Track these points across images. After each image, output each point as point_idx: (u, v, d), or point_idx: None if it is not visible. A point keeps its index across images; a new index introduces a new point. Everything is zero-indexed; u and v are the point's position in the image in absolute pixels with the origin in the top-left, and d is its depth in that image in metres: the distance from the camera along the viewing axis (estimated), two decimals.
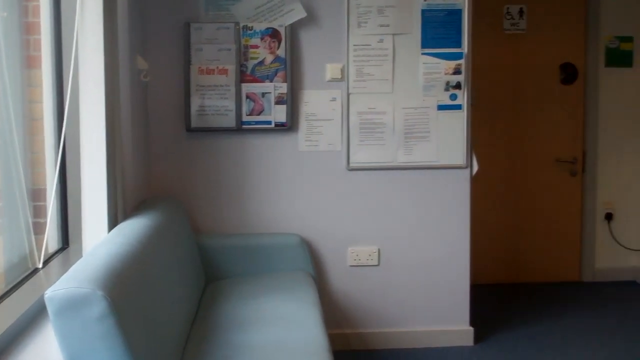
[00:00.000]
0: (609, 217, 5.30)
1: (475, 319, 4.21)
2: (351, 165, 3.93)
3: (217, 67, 3.78)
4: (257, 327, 2.95)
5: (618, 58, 5.25)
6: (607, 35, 5.22)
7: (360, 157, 3.94)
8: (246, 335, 2.85)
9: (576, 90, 5.25)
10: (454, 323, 4.09)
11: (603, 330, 4.30)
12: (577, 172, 5.28)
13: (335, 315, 4.00)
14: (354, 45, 3.88)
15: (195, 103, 3.78)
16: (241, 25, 3.78)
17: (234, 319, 3.06)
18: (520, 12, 5.16)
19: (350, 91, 3.90)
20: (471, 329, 4.10)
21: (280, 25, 3.80)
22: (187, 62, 3.77)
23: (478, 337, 4.14)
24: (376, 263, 4.01)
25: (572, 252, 5.34)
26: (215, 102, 3.78)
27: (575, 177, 5.28)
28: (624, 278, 5.34)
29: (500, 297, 4.97)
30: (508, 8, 5.14)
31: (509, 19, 5.16)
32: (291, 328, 2.93)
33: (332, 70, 3.89)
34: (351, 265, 4.00)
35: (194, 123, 3.79)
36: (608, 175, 5.29)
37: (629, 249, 5.33)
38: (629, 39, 5.24)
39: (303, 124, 3.89)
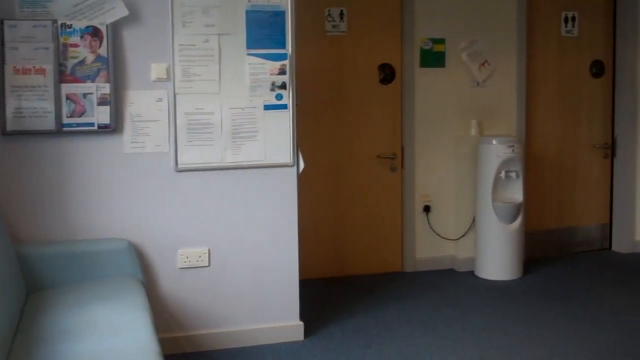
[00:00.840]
0: (427, 209, 5.61)
1: (305, 314, 4.31)
2: (179, 166, 3.89)
3: (34, 67, 3.60)
4: (83, 336, 2.85)
5: (432, 59, 5.56)
6: (422, 37, 5.52)
7: (188, 158, 3.90)
8: (72, 345, 2.75)
9: (394, 90, 5.51)
10: (284, 319, 4.17)
11: (424, 317, 4.55)
12: (397, 168, 5.54)
13: (166, 318, 3.94)
14: (180, 45, 3.84)
15: (10, 105, 3.58)
16: (59, 22, 3.63)
17: (59, 329, 2.94)
18: (341, 14, 5.33)
19: (176, 91, 3.86)
20: (301, 323, 4.20)
21: (102, 24, 3.68)
22: (1, 62, 3.56)
23: (308, 332, 4.24)
24: (207, 264, 4.00)
25: (394, 244, 5.61)
26: (33, 104, 3.60)
27: (396, 172, 5.54)
28: (442, 267, 5.68)
29: (328, 291, 5.12)
30: (329, 10, 5.30)
31: (330, 21, 5.32)
32: (119, 335, 2.86)
33: (157, 70, 3.83)
34: (181, 268, 3.96)
35: (10, 126, 3.59)
36: (425, 170, 5.59)
37: (446, 238, 5.67)
38: (441, 41, 5.56)
39: (128, 126, 3.80)
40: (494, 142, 5.36)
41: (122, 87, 3.77)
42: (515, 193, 5.45)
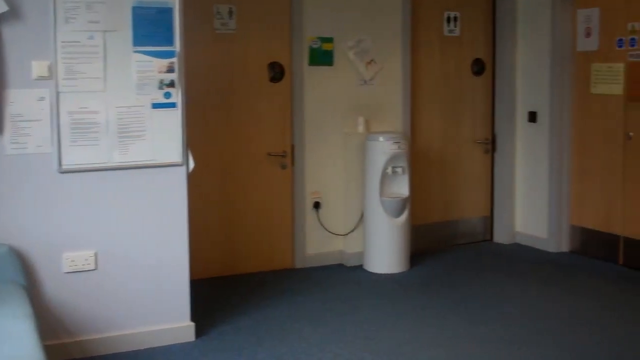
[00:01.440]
0: (317, 205, 5.68)
1: (197, 314, 4.29)
2: (63, 167, 3.78)
3: None
4: None
5: (320, 57, 5.62)
6: (310, 36, 5.57)
7: (73, 158, 3.79)
8: None
9: (284, 88, 5.54)
10: (175, 320, 4.13)
11: (315, 313, 4.61)
12: (287, 165, 5.58)
13: (52, 325, 3.82)
14: (62, 42, 3.72)
15: None
16: None
17: None
18: (230, 12, 5.31)
19: (59, 90, 3.74)
20: (192, 324, 4.17)
21: None
22: None
23: (199, 332, 4.22)
24: (93, 267, 3.90)
25: (285, 240, 5.65)
26: None
27: (286, 169, 5.58)
28: (332, 262, 5.77)
29: (220, 290, 5.10)
30: (218, 8, 5.26)
31: (219, 19, 5.28)
32: (1, 345, 2.75)
33: (38, 68, 3.69)
34: (67, 272, 3.84)
35: None
36: (315, 167, 5.66)
37: (336, 234, 5.76)
38: (329, 40, 5.63)
39: (8, 126, 3.65)
40: (380, 138, 5.49)
41: (0, 86, 3.62)
42: (402, 188, 5.60)
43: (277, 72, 5.51)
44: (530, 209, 6.35)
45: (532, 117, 6.26)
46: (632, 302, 4.79)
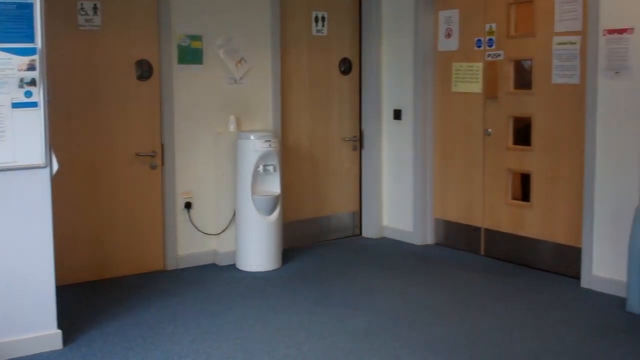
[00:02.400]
0: (188, 205, 5.63)
1: (64, 322, 4.16)
2: None
3: None
4: None
5: (189, 56, 5.57)
6: (179, 34, 5.51)
7: None
8: None
9: (152, 87, 5.45)
10: (40, 328, 3.99)
11: (188, 314, 4.59)
12: (157, 165, 5.49)
13: None
14: None
15: None
16: None
17: None
18: (95, 8, 5.15)
19: None
20: (59, 332, 4.04)
21: None
22: None
23: (67, 340, 4.09)
24: None
25: (155, 242, 5.56)
26: None
27: (156, 169, 5.49)
28: (205, 262, 5.74)
29: (89, 295, 4.97)
30: (82, 4, 5.10)
31: (83, 15, 5.12)
32: None
33: None
34: None
35: None
36: (186, 166, 5.61)
37: (208, 234, 5.73)
38: (198, 38, 5.60)
39: None
40: (251, 137, 5.51)
41: None
42: (273, 186, 5.65)
43: (145, 71, 5.41)
44: (396, 204, 6.57)
45: (397, 114, 6.47)
46: (491, 290, 5.06)
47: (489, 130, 5.89)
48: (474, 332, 4.26)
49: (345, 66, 6.56)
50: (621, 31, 4.79)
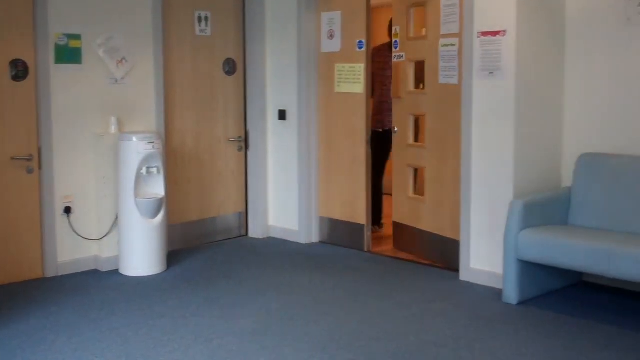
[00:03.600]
0: (68, 210, 5.46)
1: None
2: None
3: None
4: None
5: (68, 55, 5.41)
6: (56, 32, 5.33)
7: None
8: None
9: (28, 87, 5.24)
10: None
11: (69, 322, 4.45)
12: (34, 169, 5.29)
13: None
14: None
15: None
16: None
17: None
18: None
19: None
20: None
21: None
22: None
23: None
24: None
25: (33, 249, 5.35)
26: None
27: (33, 174, 5.29)
28: (86, 268, 5.58)
29: None
30: None
31: None
32: None
33: None
34: None
35: None
36: (65, 170, 5.43)
37: (89, 239, 5.58)
38: (77, 37, 5.43)
39: None
40: (134, 138, 5.40)
41: None
42: (157, 188, 5.56)
43: (20, 71, 5.20)
44: (282, 204, 6.62)
45: (282, 115, 6.51)
46: (376, 286, 5.18)
47: (396, 128, 6.08)
48: (359, 328, 4.35)
49: (230, 67, 6.54)
50: (494, 33, 5.00)
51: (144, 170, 5.44)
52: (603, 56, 5.09)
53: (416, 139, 6.05)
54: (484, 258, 5.18)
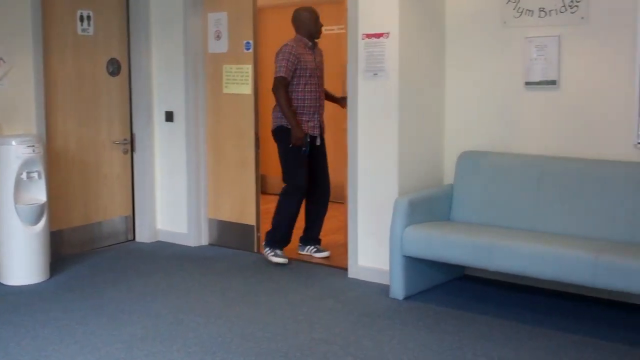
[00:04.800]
0: None
1: None
2: None
3: None
4: None
5: None
6: None
7: None
8: None
9: None
10: None
11: None
12: None
13: None
14: None
15: None
16: None
17: None
18: None
19: None
20: None
21: None
22: None
23: None
24: None
25: None
26: None
27: None
28: None
29: None
30: None
31: None
32: None
33: None
34: None
35: None
36: None
37: None
38: None
39: None
40: (13, 142, 5.20)
41: None
42: (39, 193, 5.37)
43: None
44: (170, 206, 6.53)
45: (169, 116, 6.42)
46: (265, 286, 5.20)
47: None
48: (249, 329, 4.36)
49: (114, 67, 6.39)
50: (378, 35, 5.12)
51: (24, 175, 5.24)
52: (481, 57, 5.30)
53: None
54: (371, 255, 5.29)
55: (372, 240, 5.28)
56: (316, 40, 5.85)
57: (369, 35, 5.17)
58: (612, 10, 4.74)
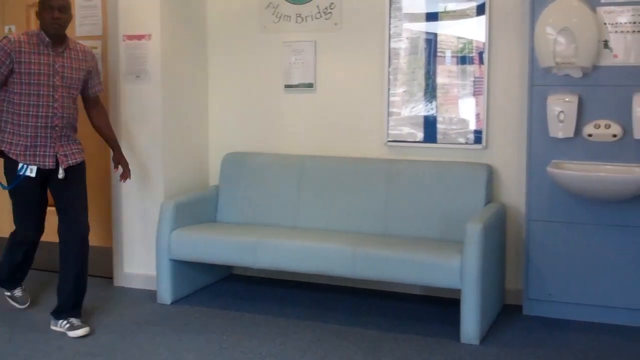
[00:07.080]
0: None
1: None
2: None
3: None
4: None
5: None
6: None
7: None
8: None
9: None
10: None
11: None
12: None
13: None
14: None
15: None
16: None
17: None
18: None
19: None
20: None
21: None
22: None
23: None
24: None
25: None
26: None
27: None
28: None
29: None
30: None
31: None
32: None
33: None
34: None
35: None
36: None
37: None
38: None
39: None
40: None
41: None
42: None
43: None
44: None
45: None
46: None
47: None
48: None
49: None
50: (139, 37, 5.02)
51: None
52: (243, 61, 5.40)
53: None
54: (138, 261, 5.18)
55: (138, 246, 5.17)
56: (60, 35, 4.18)
57: (130, 37, 5.06)
58: (363, 17, 5.04)
